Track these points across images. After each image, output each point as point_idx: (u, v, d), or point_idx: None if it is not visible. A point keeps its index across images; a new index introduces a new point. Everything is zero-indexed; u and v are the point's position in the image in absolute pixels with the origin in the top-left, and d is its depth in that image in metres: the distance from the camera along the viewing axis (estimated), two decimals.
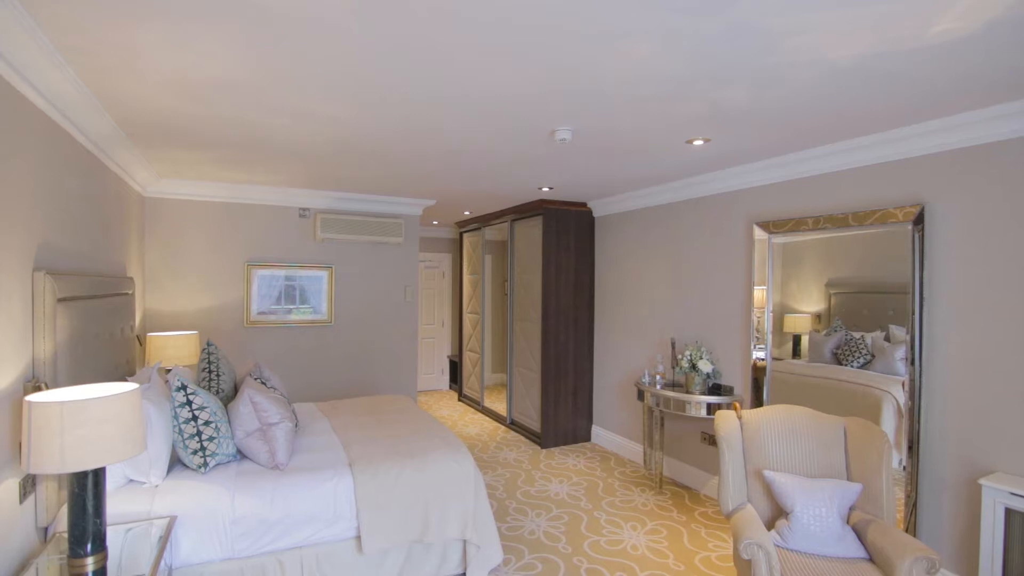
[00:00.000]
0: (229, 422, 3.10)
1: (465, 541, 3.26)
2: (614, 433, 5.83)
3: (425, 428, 3.81)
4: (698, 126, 3.14)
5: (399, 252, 6.07)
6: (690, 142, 3.45)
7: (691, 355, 4.49)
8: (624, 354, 5.68)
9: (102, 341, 3.12)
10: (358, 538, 3.01)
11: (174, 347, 4.28)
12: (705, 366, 4.39)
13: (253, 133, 3.38)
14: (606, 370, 5.98)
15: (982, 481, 2.75)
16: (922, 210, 3.16)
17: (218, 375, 3.50)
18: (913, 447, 3.17)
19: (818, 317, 3.67)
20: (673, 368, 4.78)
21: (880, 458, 2.79)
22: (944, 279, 3.10)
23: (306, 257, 5.62)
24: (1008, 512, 2.67)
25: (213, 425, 2.95)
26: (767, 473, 2.87)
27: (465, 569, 3.28)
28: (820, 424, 3.05)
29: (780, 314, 3.94)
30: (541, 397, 5.93)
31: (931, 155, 3.16)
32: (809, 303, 3.80)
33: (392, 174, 4.64)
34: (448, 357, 9.01)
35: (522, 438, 6.28)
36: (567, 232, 6.01)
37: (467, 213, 6.96)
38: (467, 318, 7.99)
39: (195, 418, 2.90)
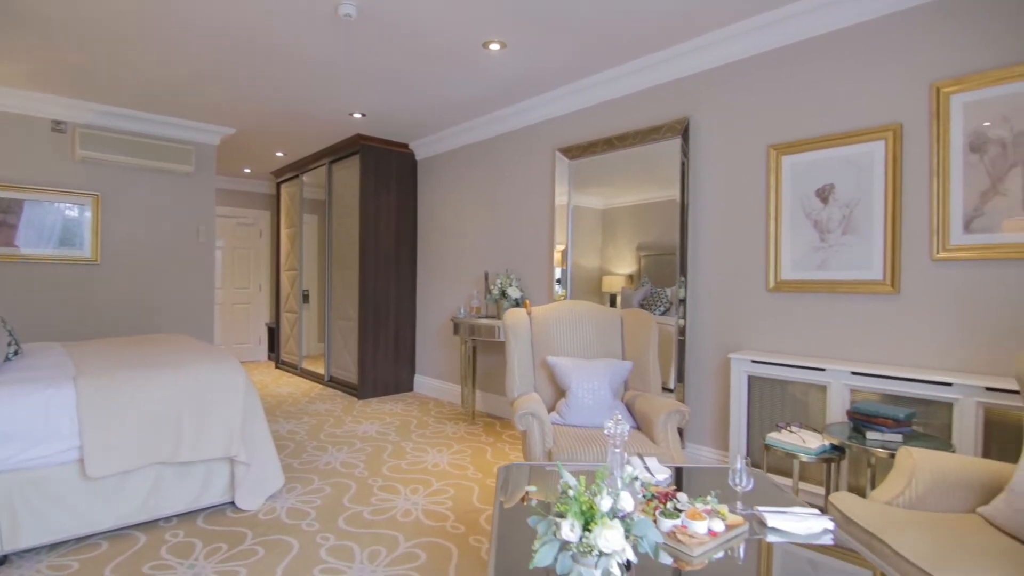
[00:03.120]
0: None
1: (233, 463, 2.86)
2: (436, 379, 5.70)
3: (194, 347, 3.31)
4: (491, 22, 3.10)
5: (190, 184, 5.32)
6: (487, 46, 3.42)
7: (501, 283, 4.51)
8: (448, 297, 5.58)
9: None
10: (83, 461, 2.47)
11: None
12: (514, 292, 4.44)
13: None
14: (430, 316, 5.84)
15: (730, 355, 3.06)
16: (688, 124, 3.46)
17: None
18: (683, 339, 3.45)
19: (631, 277, 3.91)
20: (485, 299, 4.77)
21: (648, 338, 2.97)
22: (702, 192, 3.42)
23: (61, 180, 4.65)
24: (750, 378, 3.00)
25: None
26: (550, 358, 2.91)
27: (233, 496, 2.88)
28: (601, 314, 3.18)
29: (599, 276, 4.12)
30: (359, 347, 5.60)
31: (695, 74, 3.47)
32: (623, 266, 4.01)
33: (157, 71, 4.00)
34: (266, 324, 8.21)
35: (339, 393, 5.88)
36: (388, 174, 5.75)
37: (280, 154, 6.36)
38: (285, 276, 7.34)
39: None
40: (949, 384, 2.34)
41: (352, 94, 4.34)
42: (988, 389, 2.24)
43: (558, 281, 4.25)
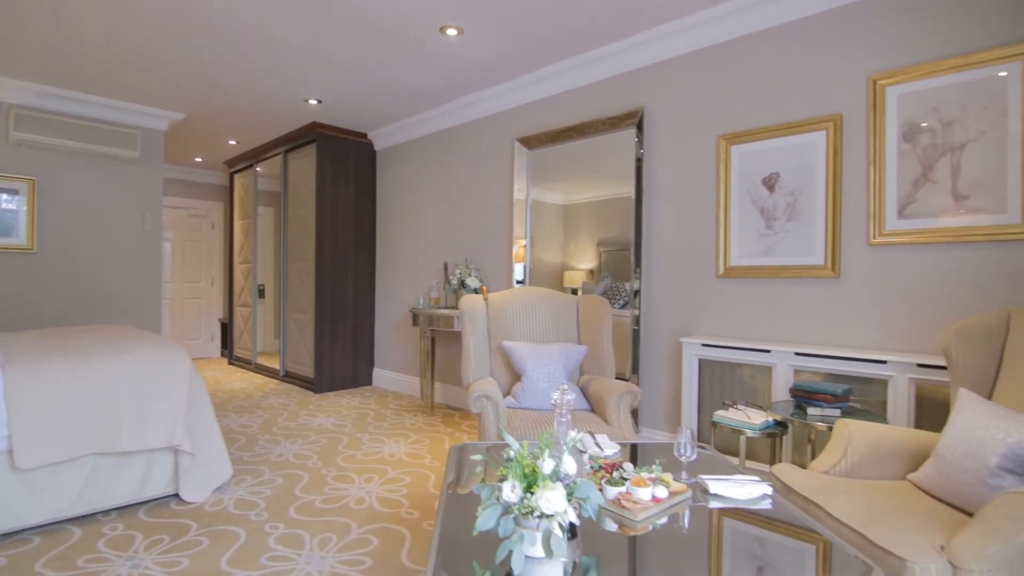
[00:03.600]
0: None
1: (178, 454, 2.76)
2: (396, 372, 5.64)
3: (135, 335, 3.18)
4: (447, 5, 3.08)
5: (136, 171, 5.10)
6: (444, 31, 3.40)
7: (460, 273, 4.49)
8: (407, 289, 5.52)
9: None
10: (11, 451, 2.34)
11: None
12: (473, 282, 4.43)
13: None
14: (389, 309, 5.76)
15: (682, 339, 3.13)
16: (642, 115, 3.52)
17: None
18: (638, 328, 3.51)
19: (591, 272, 3.95)
20: (445, 289, 4.74)
21: (603, 323, 3.01)
22: (656, 182, 3.49)
23: None
24: (700, 362, 3.07)
25: None
26: (505, 343, 2.92)
27: (178, 488, 2.78)
28: (557, 300, 3.20)
29: (561, 271, 4.14)
30: (315, 341, 5.48)
31: (649, 66, 3.54)
32: (585, 261, 4.05)
33: (98, 49, 3.83)
34: (219, 320, 7.95)
35: (295, 388, 5.75)
36: (346, 165, 5.65)
37: (233, 143, 6.17)
38: (238, 269, 7.12)
39: None
40: (884, 362, 2.45)
41: (306, 77, 4.24)
42: (919, 366, 2.36)
43: (519, 282, 4.26)
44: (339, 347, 5.63)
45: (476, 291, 4.42)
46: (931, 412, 2.34)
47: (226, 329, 7.70)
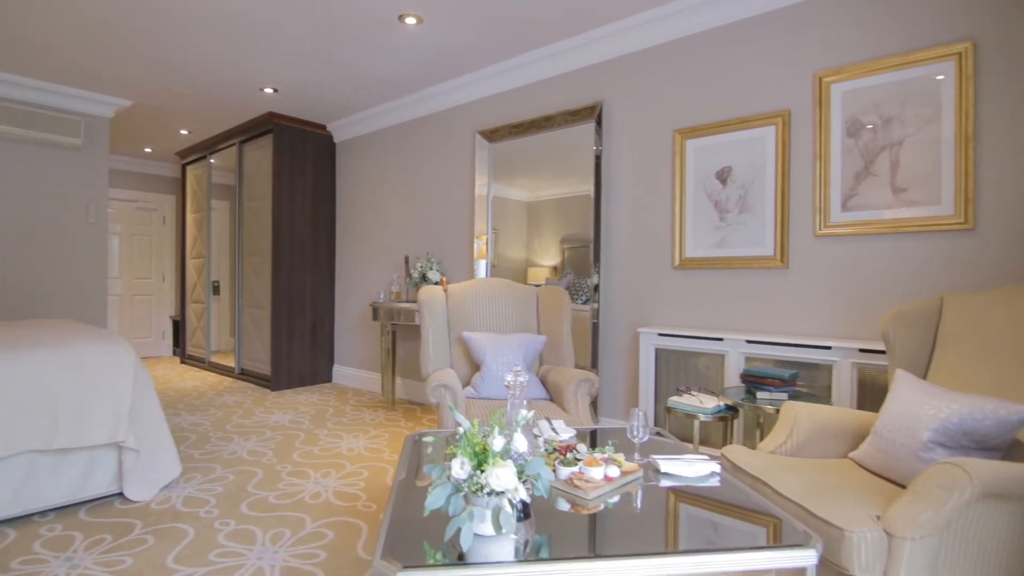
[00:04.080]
0: None
1: (122, 451, 2.65)
2: (356, 368, 5.55)
3: (76, 328, 3.03)
4: None
5: (80, 160, 4.86)
6: (403, 19, 3.36)
7: (422, 266, 4.45)
8: (368, 283, 5.44)
9: None
10: None
11: None
12: (434, 275, 4.39)
13: None
14: (350, 304, 5.67)
15: (640, 329, 3.19)
16: (601, 109, 3.57)
17: None
18: (597, 321, 3.54)
19: (555, 269, 3.97)
20: (406, 283, 4.70)
21: (562, 314, 3.03)
22: (615, 176, 3.54)
23: None
24: (657, 351, 3.13)
25: None
26: (464, 333, 2.91)
27: (122, 486, 2.67)
28: (517, 291, 3.21)
29: (525, 268, 4.15)
30: (272, 337, 5.34)
31: (607, 61, 3.58)
32: (548, 258, 4.07)
33: (38, 29, 3.64)
34: (171, 317, 7.67)
35: (251, 385, 5.59)
36: (304, 157, 5.53)
37: (185, 132, 5.95)
38: (192, 264, 6.87)
39: None
40: (829, 348, 2.55)
41: (261, 65, 4.13)
42: (861, 351, 2.47)
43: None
44: (297, 344, 5.50)
45: (437, 284, 4.39)
46: (872, 394, 2.45)
47: (178, 327, 7.43)
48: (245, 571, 2.04)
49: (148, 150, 6.74)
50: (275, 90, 4.62)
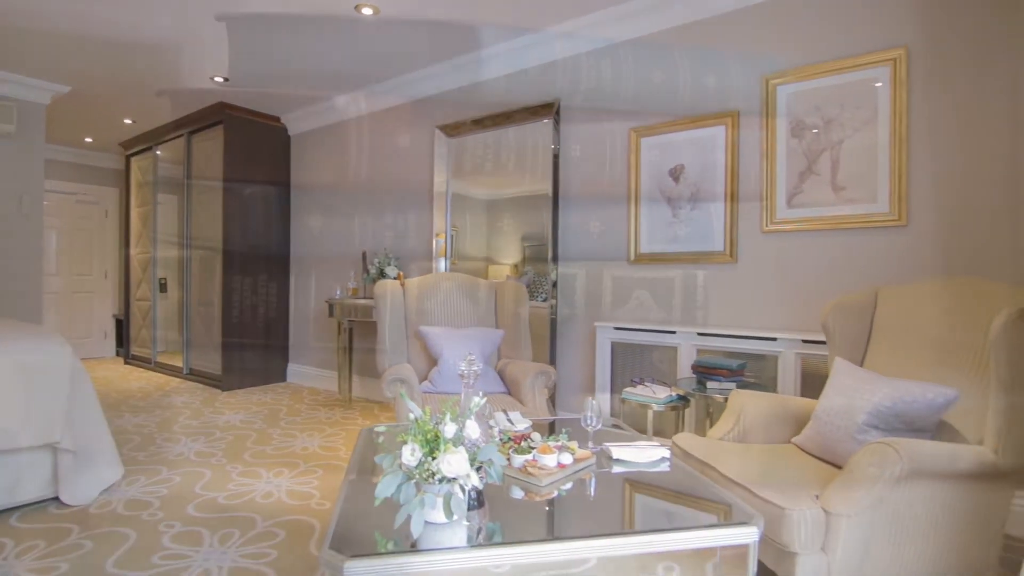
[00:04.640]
0: None
1: (57, 453, 2.51)
2: (312, 367, 5.43)
3: (5, 325, 2.86)
4: None
5: (11, 148, 4.58)
6: (359, 9, 3.30)
7: (379, 262, 4.39)
8: (325, 281, 5.32)
9: None
10: None
11: None
12: (392, 271, 4.34)
13: None
14: (305, 302, 5.53)
15: (596, 323, 3.24)
16: (559, 107, 3.60)
17: None
18: (555, 317, 3.58)
19: (516, 267, 3.98)
20: (363, 279, 4.62)
21: (519, 307, 3.05)
22: (572, 172, 3.58)
23: None
24: (613, 344, 3.19)
25: None
26: (422, 328, 2.89)
27: (58, 490, 2.53)
28: (475, 285, 3.21)
29: (486, 267, 4.13)
30: (223, 335, 5.17)
31: (565, 59, 3.62)
32: (509, 256, 4.08)
33: None
34: (113, 316, 7.31)
35: (200, 385, 5.39)
36: (257, 149, 5.36)
37: (129, 122, 5.69)
38: (136, 260, 6.57)
39: None
40: (774, 339, 2.65)
41: (209, 51, 3.97)
42: (805, 342, 2.58)
43: None
44: (249, 342, 5.34)
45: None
46: (814, 382, 2.56)
47: (122, 326, 7.09)
48: (191, 573, 1.97)
49: (89, 140, 6.41)
50: (225, 79, 4.47)
